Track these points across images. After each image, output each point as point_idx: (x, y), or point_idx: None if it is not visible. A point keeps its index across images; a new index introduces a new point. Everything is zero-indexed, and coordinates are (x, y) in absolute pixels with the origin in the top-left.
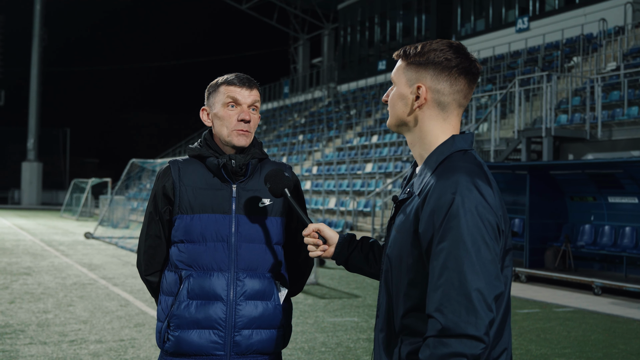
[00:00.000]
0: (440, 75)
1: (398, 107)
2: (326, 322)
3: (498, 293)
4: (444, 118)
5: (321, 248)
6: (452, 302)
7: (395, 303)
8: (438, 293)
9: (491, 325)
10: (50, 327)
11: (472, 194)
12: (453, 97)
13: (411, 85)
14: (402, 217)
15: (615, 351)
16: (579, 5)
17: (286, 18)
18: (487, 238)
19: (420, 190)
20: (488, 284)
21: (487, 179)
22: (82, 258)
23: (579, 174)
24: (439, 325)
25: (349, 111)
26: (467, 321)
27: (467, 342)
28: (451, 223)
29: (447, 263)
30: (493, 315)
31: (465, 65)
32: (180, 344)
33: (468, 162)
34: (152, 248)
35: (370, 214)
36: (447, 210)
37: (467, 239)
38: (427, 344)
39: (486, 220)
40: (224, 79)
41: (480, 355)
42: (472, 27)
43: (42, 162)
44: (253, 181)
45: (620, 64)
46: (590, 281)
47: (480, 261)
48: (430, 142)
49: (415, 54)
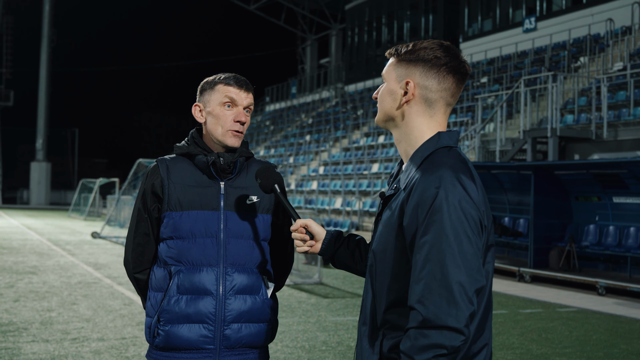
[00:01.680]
0: (429, 72)
1: (386, 102)
2: (328, 321)
3: (479, 287)
4: (431, 115)
5: (308, 244)
6: (433, 294)
7: (378, 297)
8: (420, 285)
9: (472, 319)
10: (53, 325)
11: (455, 188)
12: (440, 94)
13: (400, 81)
14: (388, 212)
15: (616, 351)
16: (586, 6)
17: (294, 18)
18: (469, 232)
19: (405, 185)
20: (469, 277)
21: (471, 175)
22: (88, 257)
23: (584, 174)
24: (420, 317)
25: (356, 111)
26: (447, 313)
27: (447, 334)
28: (434, 217)
29: (429, 256)
30: (474, 308)
31: (454, 65)
32: (170, 339)
33: (452, 158)
34: (141, 246)
35: (375, 214)
36: (430, 204)
37: (450, 232)
38: (408, 335)
39: (469, 214)
40: (222, 78)
41: (459, 347)
42: (479, 27)
43: (50, 162)
44: (240, 179)
45: (626, 64)
46: (595, 281)
47: (462, 254)
48: (416, 137)
49: (407, 51)
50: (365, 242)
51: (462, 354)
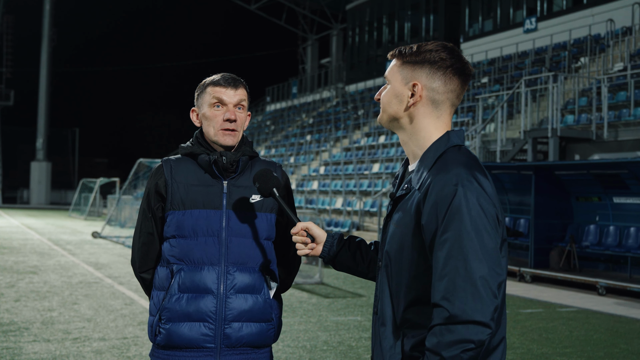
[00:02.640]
0: (435, 74)
1: (392, 104)
2: (329, 321)
3: (501, 280)
4: (437, 116)
5: (309, 246)
6: (458, 289)
7: (395, 298)
8: (444, 282)
9: (496, 312)
10: (54, 325)
11: (472, 185)
12: (447, 95)
13: (407, 83)
14: (401, 213)
15: (617, 350)
16: (586, 6)
17: (295, 18)
18: (488, 227)
19: (420, 185)
20: (492, 271)
21: (484, 172)
22: (88, 257)
23: (584, 174)
24: (446, 313)
25: (356, 111)
26: (473, 308)
27: (473, 328)
28: (454, 214)
29: (451, 252)
30: (497, 302)
31: (459, 66)
32: (171, 337)
33: (465, 156)
34: (146, 245)
35: (376, 214)
36: (450, 201)
37: (471, 228)
38: (434, 332)
39: (487, 210)
40: (210, 80)
41: (485, 341)
42: (480, 28)
43: (51, 162)
44: (243, 178)
45: (627, 64)
46: (595, 281)
47: (483, 250)
48: (424, 138)
49: (411, 53)
50: (365, 244)
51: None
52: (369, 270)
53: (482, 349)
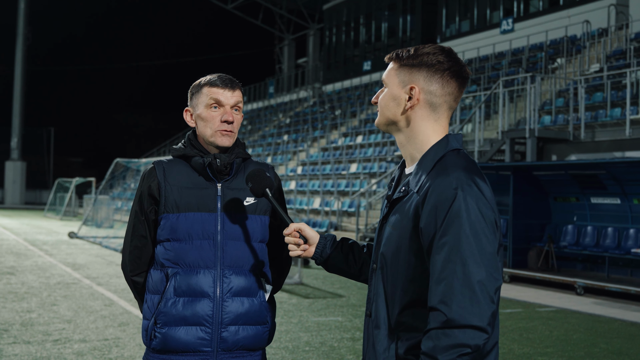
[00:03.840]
0: (432, 77)
1: (390, 108)
2: (310, 322)
3: (498, 285)
4: (435, 119)
5: (302, 248)
6: (456, 293)
7: (390, 300)
8: (441, 285)
9: (493, 317)
10: (34, 327)
11: (472, 189)
12: (444, 98)
13: (404, 86)
14: (398, 215)
15: (597, 350)
16: (563, 7)
17: (271, 18)
18: (487, 232)
19: (418, 188)
20: (490, 276)
21: (483, 177)
22: (66, 257)
23: (563, 175)
24: (443, 317)
25: (334, 111)
26: (471, 312)
27: (470, 333)
28: (454, 218)
29: (450, 256)
30: (495, 307)
31: (457, 69)
32: (167, 341)
33: (464, 160)
34: (138, 248)
35: (354, 214)
36: (449, 205)
37: (470, 233)
38: (430, 335)
39: (486, 215)
40: (207, 80)
41: (482, 346)
42: (457, 28)
43: (25, 162)
44: (237, 180)
45: (603, 65)
46: (573, 281)
47: (482, 254)
48: (422, 141)
49: (409, 56)
50: (358, 246)
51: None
52: (361, 272)
53: (479, 354)
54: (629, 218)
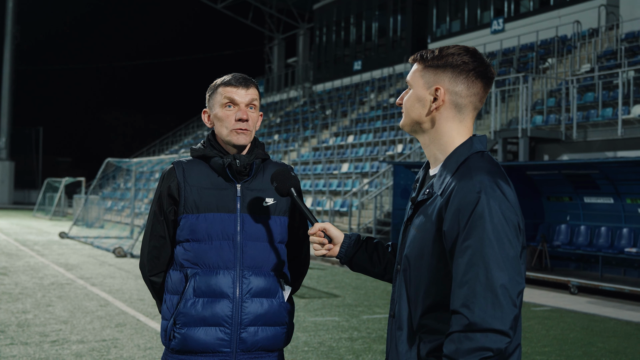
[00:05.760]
0: (458, 78)
1: (415, 109)
2: (307, 322)
3: (521, 289)
4: (460, 120)
5: (326, 247)
6: (478, 297)
7: (413, 302)
8: (464, 289)
9: (516, 321)
10: (30, 328)
11: (495, 193)
12: (470, 99)
13: (429, 88)
14: (422, 217)
15: (594, 349)
16: (553, 7)
17: (261, 18)
18: (510, 236)
19: (442, 190)
20: (512, 280)
21: (506, 179)
22: (58, 258)
23: (556, 175)
24: (465, 321)
25: (324, 111)
26: (493, 316)
27: (492, 337)
28: (477, 221)
29: (473, 260)
30: (517, 310)
31: (482, 70)
32: (186, 342)
33: (488, 163)
34: (157, 248)
35: (347, 213)
36: (472, 208)
37: (493, 236)
38: (452, 339)
39: (509, 218)
40: (222, 80)
41: (504, 350)
42: (448, 28)
43: (14, 161)
44: (257, 181)
45: (594, 65)
46: (567, 280)
47: (505, 258)
48: (447, 143)
49: (433, 57)
50: (382, 246)
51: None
52: (386, 272)
53: (501, 358)
54: (622, 217)
